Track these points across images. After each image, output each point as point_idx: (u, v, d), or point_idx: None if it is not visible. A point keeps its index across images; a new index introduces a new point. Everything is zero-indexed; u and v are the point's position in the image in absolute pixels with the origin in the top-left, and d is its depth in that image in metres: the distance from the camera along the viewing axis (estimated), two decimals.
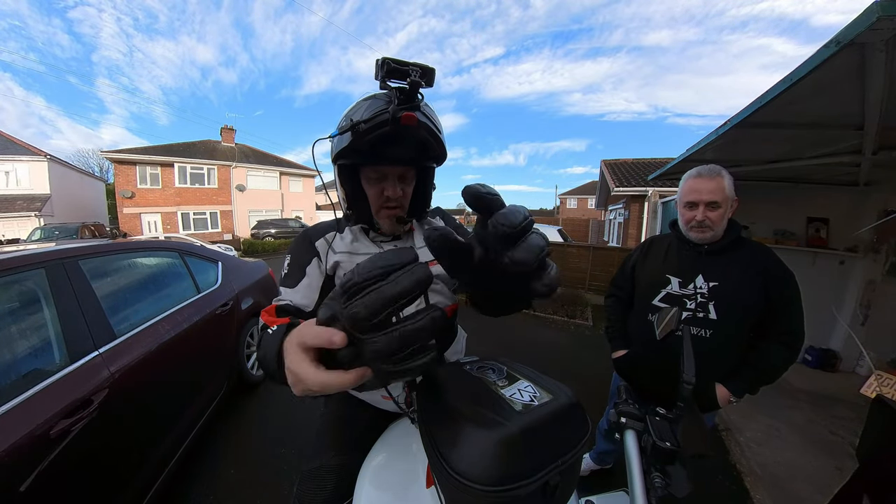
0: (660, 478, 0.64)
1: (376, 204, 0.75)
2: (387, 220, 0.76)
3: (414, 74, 0.55)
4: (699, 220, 1.11)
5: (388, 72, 0.54)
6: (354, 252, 0.79)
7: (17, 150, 14.81)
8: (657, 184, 6.57)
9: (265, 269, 3.13)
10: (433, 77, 0.57)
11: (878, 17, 0.90)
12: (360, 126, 0.59)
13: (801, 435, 2.12)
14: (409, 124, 0.60)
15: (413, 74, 0.54)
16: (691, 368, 0.78)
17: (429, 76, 0.57)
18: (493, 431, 0.42)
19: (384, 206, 0.75)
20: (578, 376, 2.99)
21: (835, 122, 1.73)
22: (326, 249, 0.79)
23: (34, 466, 0.98)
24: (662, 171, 3.21)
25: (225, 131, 19.22)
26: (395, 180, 0.73)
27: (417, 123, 0.61)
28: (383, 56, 0.53)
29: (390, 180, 0.73)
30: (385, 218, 0.76)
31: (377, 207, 0.75)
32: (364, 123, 0.59)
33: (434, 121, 0.66)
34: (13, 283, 1.23)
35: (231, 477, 1.83)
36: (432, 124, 0.65)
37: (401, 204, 0.75)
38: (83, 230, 10.81)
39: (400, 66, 0.54)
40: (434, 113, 0.68)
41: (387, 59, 0.53)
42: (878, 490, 0.91)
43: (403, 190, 0.75)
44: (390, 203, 0.74)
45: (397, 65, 0.54)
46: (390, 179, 0.73)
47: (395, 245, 0.83)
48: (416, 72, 0.55)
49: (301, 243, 0.82)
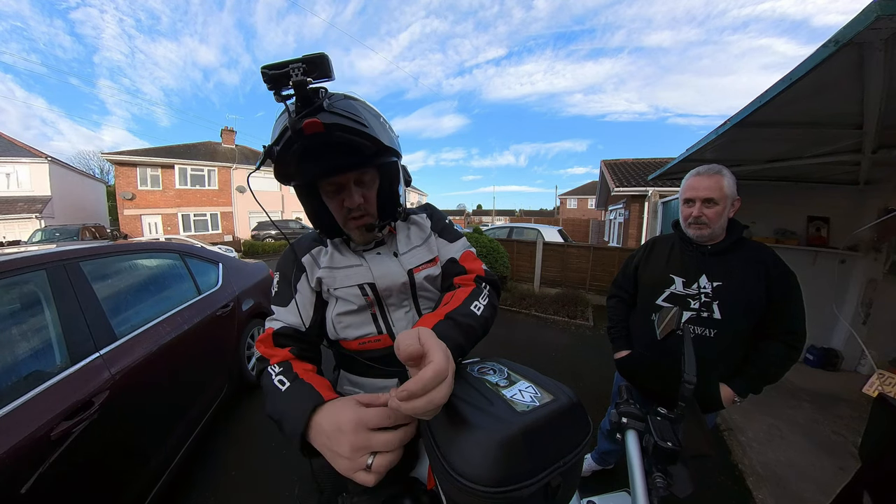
0: (661, 478, 0.64)
1: (340, 216, 0.70)
2: (356, 231, 0.72)
3: (295, 73, 0.46)
4: (695, 216, 1.12)
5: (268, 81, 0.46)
6: (334, 266, 0.75)
7: (18, 151, 14.85)
8: (657, 184, 6.58)
9: (265, 270, 3.13)
10: (326, 65, 0.47)
11: (877, 17, 0.90)
12: (273, 150, 0.55)
13: (802, 434, 2.12)
14: (315, 132, 0.51)
15: (294, 73, 0.46)
16: (692, 368, 0.78)
17: (319, 68, 0.47)
18: (495, 432, 0.41)
19: (350, 218, 0.69)
20: (579, 377, 2.99)
21: (834, 121, 1.73)
22: (312, 265, 0.77)
23: (35, 468, 0.98)
24: (662, 171, 3.21)
25: (225, 133, 19.26)
26: (352, 188, 0.66)
27: (325, 128, 0.51)
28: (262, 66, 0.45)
29: (347, 190, 0.66)
30: (354, 229, 0.71)
31: (342, 219, 0.70)
32: (276, 146, 0.54)
33: (352, 115, 0.56)
34: (14, 285, 1.23)
35: (232, 478, 1.83)
36: (352, 120, 0.55)
37: (366, 211, 0.69)
38: (84, 232, 10.83)
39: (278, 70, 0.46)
40: (355, 105, 0.59)
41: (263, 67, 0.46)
42: (880, 489, 0.91)
43: (364, 196, 0.68)
44: (354, 213, 0.68)
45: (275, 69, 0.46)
46: (347, 189, 0.66)
47: (379, 252, 0.77)
48: (297, 70, 0.46)
49: (288, 259, 0.79)
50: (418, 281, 0.77)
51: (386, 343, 0.76)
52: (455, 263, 0.80)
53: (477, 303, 0.66)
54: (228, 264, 2.63)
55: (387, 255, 0.77)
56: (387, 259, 0.77)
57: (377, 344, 0.76)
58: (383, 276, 0.74)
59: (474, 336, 0.61)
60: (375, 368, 0.77)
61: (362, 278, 0.74)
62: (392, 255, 0.78)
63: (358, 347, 0.77)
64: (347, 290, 0.74)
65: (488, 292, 0.72)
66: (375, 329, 0.76)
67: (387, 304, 0.76)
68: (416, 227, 0.83)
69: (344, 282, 0.74)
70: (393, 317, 0.77)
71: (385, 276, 0.74)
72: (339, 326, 0.76)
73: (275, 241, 14.73)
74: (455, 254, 0.81)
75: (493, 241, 5.57)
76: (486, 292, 0.71)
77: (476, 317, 0.63)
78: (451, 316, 0.59)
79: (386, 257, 0.77)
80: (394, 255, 0.78)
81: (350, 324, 0.76)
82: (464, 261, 0.80)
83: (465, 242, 0.84)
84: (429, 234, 0.83)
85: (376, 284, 0.74)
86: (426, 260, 0.79)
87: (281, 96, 0.50)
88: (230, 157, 17.85)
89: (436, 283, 0.81)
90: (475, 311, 0.64)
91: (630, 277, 1.39)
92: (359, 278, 0.74)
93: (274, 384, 0.61)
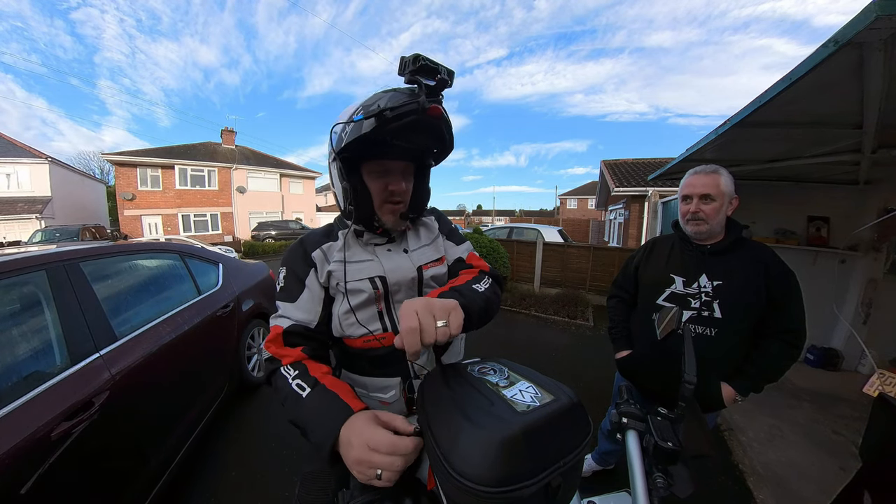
0: (662, 478, 0.64)
1: (379, 199, 0.74)
2: (390, 216, 0.76)
3: (443, 73, 0.60)
4: (693, 211, 1.13)
5: (420, 68, 0.57)
6: (346, 261, 0.76)
7: (18, 152, 14.86)
8: (657, 184, 6.58)
9: (265, 270, 3.14)
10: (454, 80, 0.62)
11: (876, 17, 0.91)
12: (387, 113, 0.60)
13: (803, 434, 2.12)
14: (435, 115, 0.63)
15: (442, 73, 0.60)
16: (693, 368, 0.78)
17: (452, 78, 0.61)
18: (495, 432, 0.41)
19: (388, 201, 0.74)
20: (579, 377, 2.99)
21: (834, 121, 1.73)
22: (322, 260, 0.77)
23: (35, 469, 0.98)
24: (662, 171, 3.21)
25: (225, 133, 19.27)
26: (399, 175, 0.74)
27: (441, 116, 0.65)
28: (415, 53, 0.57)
29: (394, 175, 0.73)
30: (388, 213, 0.76)
31: (380, 202, 0.74)
32: (390, 111, 0.60)
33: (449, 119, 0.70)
34: (14, 285, 1.23)
35: (232, 478, 1.83)
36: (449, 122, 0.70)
37: (404, 199, 0.76)
38: (84, 232, 10.83)
39: (432, 65, 0.58)
40: None
41: (421, 55, 0.57)
42: (881, 489, 0.90)
43: (406, 186, 0.76)
44: (394, 198, 0.74)
45: (431, 63, 0.58)
46: (394, 174, 0.73)
47: (389, 248, 0.80)
48: (446, 73, 0.60)
49: (297, 254, 0.79)
50: (426, 278, 0.80)
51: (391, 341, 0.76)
52: (461, 262, 0.88)
53: (479, 285, 0.73)
54: (228, 265, 2.63)
55: (397, 252, 0.81)
56: (397, 255, 0.80)
57: (382, 342, 0.77)
58: (394, 271, 0.77)
59: (477, 310, 0.66)
60: (377, 367, 0.77)
61: (374, 272, 0.76)
62: (402, 251, 0.81)
63: (362, 346, 0.77)
64: (358, 283, 0.75)
65: (491, 282, 0.79)
66: (381, 326, 0.77)
67: (394, 300, 0.78)
68: (425, 228, 0.88)
69: (355, 275, 0.75)
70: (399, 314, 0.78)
71: (395, 270, 0.77)
72: (345, 324, 0.76)
73: (275, 241, 14.73)
74: (462, 254, 0.89)
75: (493, 242, 5.58)
76: (488, 280, 0.78)
77: (479, 293, 0.69)
78: (455, 289, 0.68)
79: (396, 254, 0.80)
80: (404, 251, 0.81)
81: (356, 321, 0.76)
82: (469, 260, 0.89)
83: (470, 245, 0.93)
84: (437, 234, 0.89)
85: (387, 278, 0.76)
86: (434, 259, 0.84)
87: (415, 79, 0.59)
88: (230, 158, 17.85)
89: (441, 283, 0.83)
90: (477, 288, 0.71)
91: (630, 278, 1.39)
92: (370, 272, 0.76)
93: (292, 388, 0.63)
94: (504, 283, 5.71)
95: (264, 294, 2.85)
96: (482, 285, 0.73)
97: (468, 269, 0.84)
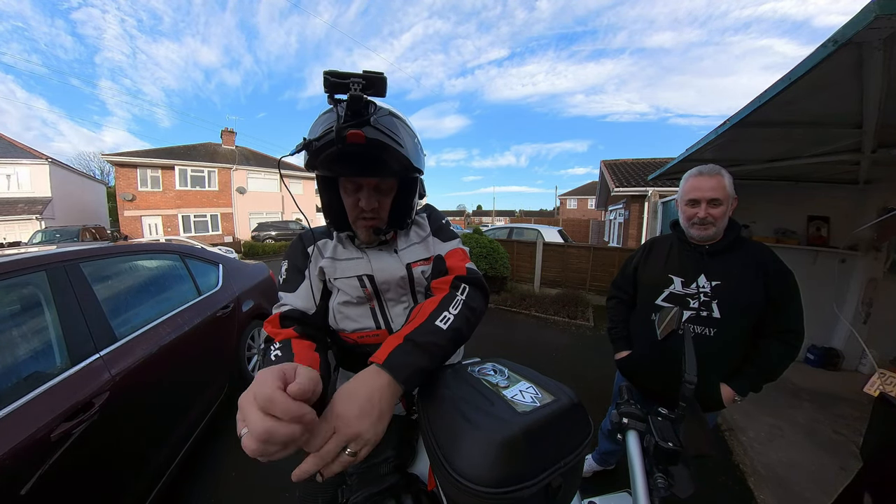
0: (662, 478, 0.64)
1: (352, 214, 0.74)
2: (363, 231, 0.75)
3: (354, 87, 0.50)
4: (701, 216, 1.11)
5: (328, 86, 0.51)
6: (336, 258, 0.79)
7: (18, 153, 14.86)
8: (657, 184, 6.57)
9: (266, 271, 3.13)
10: (383, 86, 0.54)
11: (875, 16, 0.91)
12: (313, 144, 0.58)
13: (804, 434, 2.11)
14: (355, 142, 0.55)
15: (353, 87, 0.50)
16: (693, 368, 0.78)
17: (376, 86, 0.53)
18: (495, 433, 0.41)
19: (360, 217, 0.73)
20: (580, 377, 2.98)
21: (834, 121, 1.73)
22: (317, 255, 0.80)
23: (35, 470, 0.98)
24: (662, 171, 3.21)
25: (225, 134, 19.27)
26: (371, 192, 0.71)
27: (365, 141, 0.56)
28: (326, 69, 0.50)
29: (365, 192, 0.70)
30: (361, 228, 0.75)
31: (353, 217, 0.74)
32: (316, 141, 0.57)
33: (393, 133, 0.60)
34: (14, 286, 1.23)
35: (232, 479, 1.83)
36: (390, 139, 0.60)
37: (377, 215, 0.73)
38: (84, 233, 10.83)
39: (340, 80, 0.50)
40: (396, 123, 0.63)
41: (326, 72, 0.50)
42: (881, 489, 0.90)
43: (380, 201, 0.72)
44: (365, 214, 0.72)
45: (337, 78, 0.50)
46: (365, 191, 0.70)
47: (380, 249, 0.80)
48: (356, 84, 0.51)
49: (297, 249, 0.83)
50: (416, 276, 0.79)
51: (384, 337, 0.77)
52: (440, 260, 0.80)
53: (445, 314, 0.62)
54: (228, 265, 2.63)
55: (387, 252, 0.80)
56: (386, 255, 0.80)
57: (375, 339, 0.78)
58: (382, 270, 0.77)
59: (440, 352, 0.58)
60: None
61: (361, 270, 0.77)
62: (392, 251, 0.81)
63: (357, 341, 0.79)
64: (347, 280, 0.77)
65: (466, 296, 0.68)
66: (374, 324, 0.78)
67: (385, 298, 0.79)
68: (416, 227, 0.86)
69: (344, 272, 0.77)
70: (392, 312, 0.79)
71: (384, 269, 0.77)
72: (339, 317, 0.78)
73: (275, 241, 14.73)
74: (443, 251, 0.82)
75: (493, 242, 5.57)
76: (460, 298, 0.67)
77: (441, 332, 0.59)
78: (410, 338, 0.56)
79: (386, 253, 0.80)
80: (394, 251, 0.81)
81: (350, 315, 0.78)
82: (448, 257, 0.80)
83: (458, 242, 0.85)
84: (427, 233, 0.86)
85: (374, 277, 0.77)
86: (423, 258, 0.82)
87: (334, 100, 0.54)
88: (230, 159, 17.85)
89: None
90: (441, 325, 0.60)
91: (629, 278, 1.39)
92: (358, 270, 0.77)
93: (270, 359, 0.62)
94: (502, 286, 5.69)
95: (264, 295, 2.85)
96: (451, 312, 0.63)
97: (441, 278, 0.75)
